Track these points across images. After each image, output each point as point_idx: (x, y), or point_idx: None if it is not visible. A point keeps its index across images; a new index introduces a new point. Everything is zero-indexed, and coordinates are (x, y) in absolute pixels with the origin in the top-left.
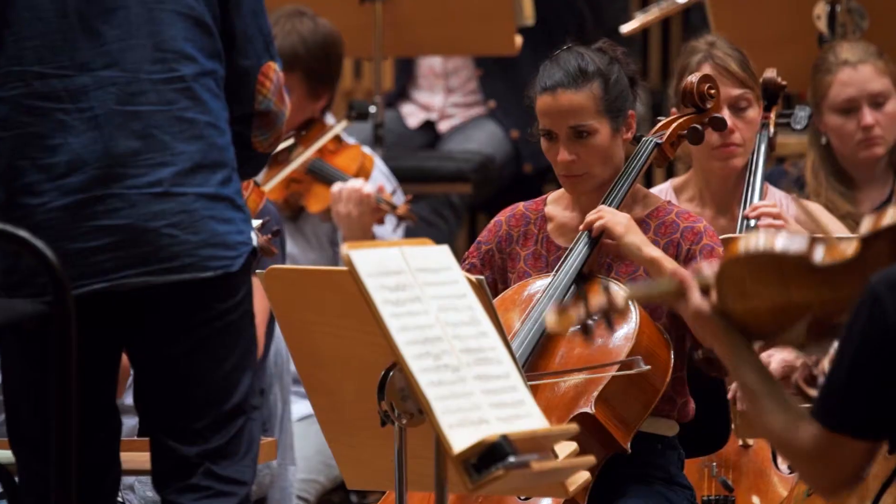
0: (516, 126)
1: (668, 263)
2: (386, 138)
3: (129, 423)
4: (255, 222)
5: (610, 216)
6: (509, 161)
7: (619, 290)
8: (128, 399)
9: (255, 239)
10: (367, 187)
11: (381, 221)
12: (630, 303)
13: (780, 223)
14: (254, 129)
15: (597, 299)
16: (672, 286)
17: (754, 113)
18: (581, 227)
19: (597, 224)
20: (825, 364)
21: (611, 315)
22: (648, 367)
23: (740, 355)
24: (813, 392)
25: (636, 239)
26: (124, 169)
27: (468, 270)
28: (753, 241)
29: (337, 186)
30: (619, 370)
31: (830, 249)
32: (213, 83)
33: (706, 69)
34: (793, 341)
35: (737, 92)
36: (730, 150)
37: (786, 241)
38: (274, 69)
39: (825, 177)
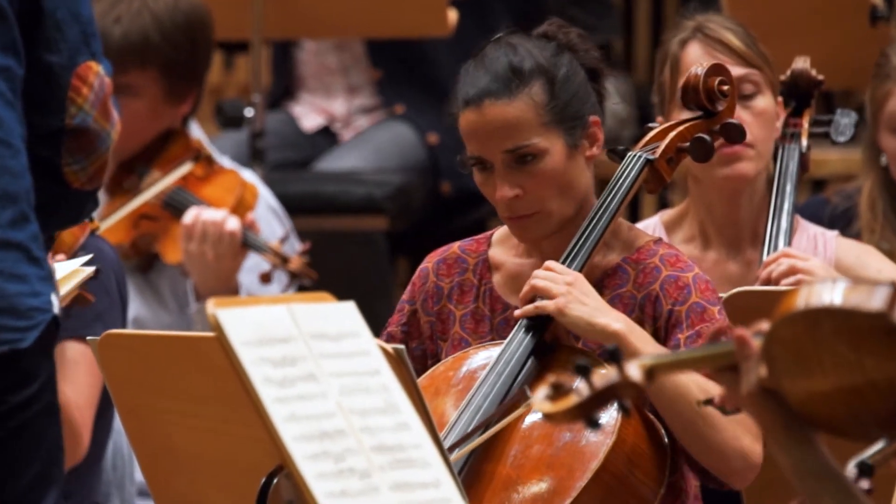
0: (435, 128)
1: (636, 341)
2: (268, 153)
3: None
4: (73, 262)
5: (540, 282)
6: (423, 177)
7: (637, 360)
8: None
9: (56, 304)
10: (232, 222)
11: (266, 279)
12: (649, 377)
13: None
14: (64, 153)
15: (604, 373)
16: (723, 352)
17: (765, 102)
18: (517, 312)
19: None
20: None
21: (624, 395)
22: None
23: (799, 450)
24: None
25: (581, 310)
26: None
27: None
28: (817, 294)
29: (191, 213)
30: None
31: None
32: (4, 85)
33: (694, 49)
34: (867, 434)
35: (739, 72)
36: (736, 152)
37: (860, 295)
38: (96, 72)
39: (883, 209)
